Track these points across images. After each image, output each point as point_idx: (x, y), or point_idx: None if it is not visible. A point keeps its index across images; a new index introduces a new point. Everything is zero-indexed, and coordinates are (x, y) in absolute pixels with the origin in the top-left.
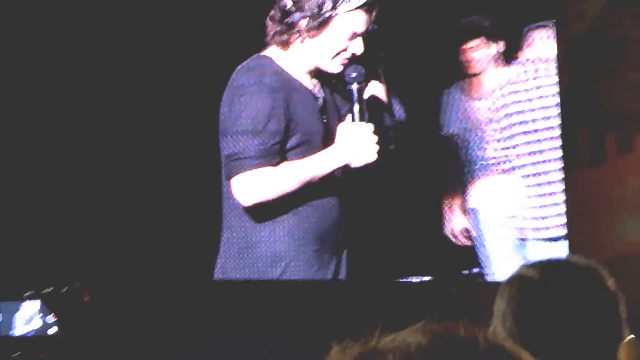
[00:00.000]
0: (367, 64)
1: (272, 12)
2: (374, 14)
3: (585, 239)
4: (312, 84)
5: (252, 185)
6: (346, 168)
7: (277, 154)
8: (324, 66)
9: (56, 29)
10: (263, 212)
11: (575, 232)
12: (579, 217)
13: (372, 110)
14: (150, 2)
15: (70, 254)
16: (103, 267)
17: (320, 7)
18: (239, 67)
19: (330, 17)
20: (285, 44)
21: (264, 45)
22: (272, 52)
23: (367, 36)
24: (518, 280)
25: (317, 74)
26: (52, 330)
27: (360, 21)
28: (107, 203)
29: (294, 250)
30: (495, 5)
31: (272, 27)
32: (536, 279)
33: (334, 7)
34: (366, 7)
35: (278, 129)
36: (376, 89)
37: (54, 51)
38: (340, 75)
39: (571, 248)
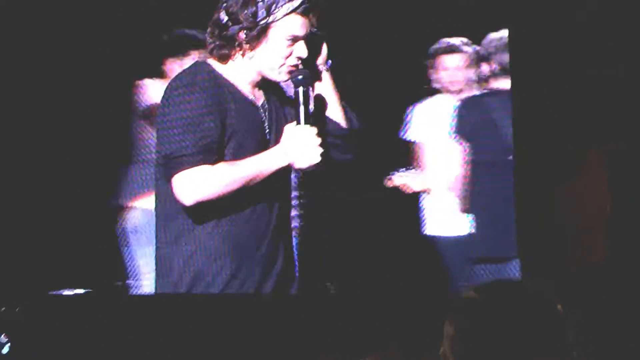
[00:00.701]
0: (315, 70)
1: (209, 28)
2: (312, 16)
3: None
4: (254, 95)
5: (193, 182)
6: (287, 170)
7: (215, 152)
8: (271, 75)
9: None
10: (200, 215)
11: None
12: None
13: (320, 116)
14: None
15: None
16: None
17: (254, 16)
18: (181, 71)
19: (267, 25)
20: (225, 58)
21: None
22: (213, 61)
23: (312, 41)
24: (466, 303)
25: (263, 84)
26: (5, 350)
27: (298, 25)
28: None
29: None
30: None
31: (211, 42)
32: (484, 302)
33: (268, 14)
34: (301, 10)
35: (214, 126)
36: (327, 96)
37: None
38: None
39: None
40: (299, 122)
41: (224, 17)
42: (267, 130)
